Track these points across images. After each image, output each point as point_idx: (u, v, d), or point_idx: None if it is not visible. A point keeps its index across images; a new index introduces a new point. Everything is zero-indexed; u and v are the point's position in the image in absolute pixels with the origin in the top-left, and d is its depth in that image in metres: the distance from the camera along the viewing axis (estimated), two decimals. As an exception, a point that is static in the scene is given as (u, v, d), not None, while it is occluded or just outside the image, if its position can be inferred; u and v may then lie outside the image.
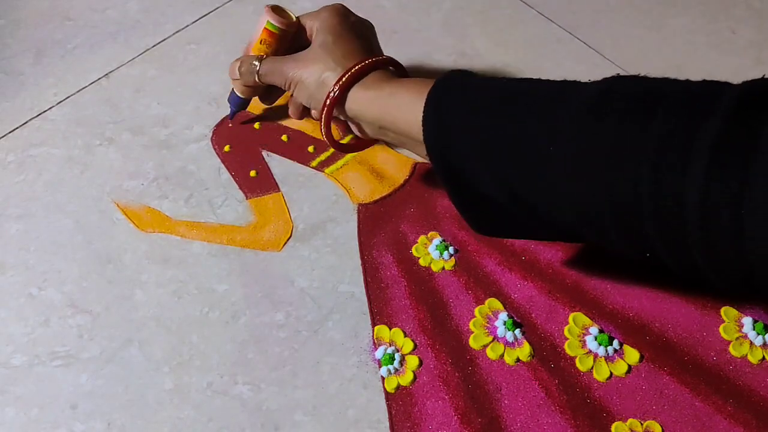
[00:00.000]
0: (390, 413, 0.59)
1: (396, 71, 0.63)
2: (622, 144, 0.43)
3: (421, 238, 0.68)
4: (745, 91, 0.41)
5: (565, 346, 0.61)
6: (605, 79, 0.47)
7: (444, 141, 0.53)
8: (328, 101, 0.61)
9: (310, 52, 0.64)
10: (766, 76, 0.42)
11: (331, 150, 0.74)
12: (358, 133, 0.66)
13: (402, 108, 0.57)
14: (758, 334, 0.60)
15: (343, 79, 0.60)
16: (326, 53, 0.62)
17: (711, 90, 0.43)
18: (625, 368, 0.59)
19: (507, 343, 0.61)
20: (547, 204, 0.49)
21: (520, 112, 0.49)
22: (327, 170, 0.73)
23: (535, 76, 0.51)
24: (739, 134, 0.39)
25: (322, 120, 0.63)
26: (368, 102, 0.60)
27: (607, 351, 0.60)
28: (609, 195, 0.43)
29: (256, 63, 0.67)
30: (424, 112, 0.54)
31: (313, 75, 0.63)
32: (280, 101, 0.74)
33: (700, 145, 0.40)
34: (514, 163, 0.49)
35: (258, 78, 0.68)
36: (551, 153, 0.46)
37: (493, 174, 0.50)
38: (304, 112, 0.69)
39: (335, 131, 0.69)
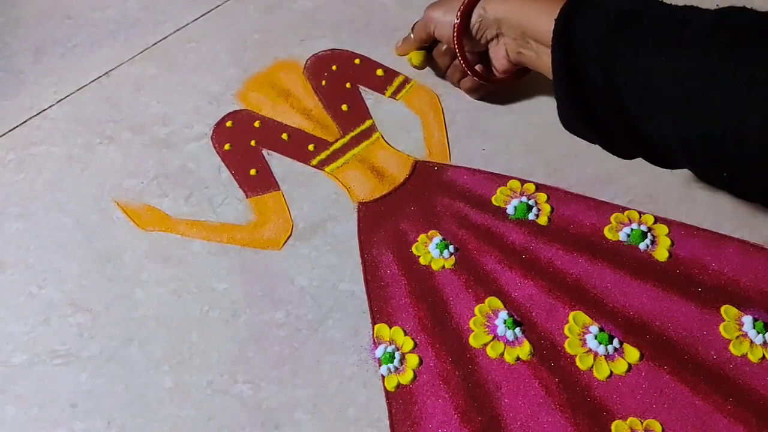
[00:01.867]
0: (390, 412, 0.59)
1: None
2: (729, 69, 0.47)
3: (421, 237, 0.68)
4: None
5: (566, 345, 0.61)
6: (719, 12, 0.50)
7: (569, 49, 0.56)
8: (461, 7, 0.67)
9: None
10: None
11: (331, 149, 0.74)
12: (496, 67, 0.71)
13: (543, 15, 0.60)
14: (758, 332, 0.60)
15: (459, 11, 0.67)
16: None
17: None
18: (625, 367, 0.59)
19: (507, 342, 0.61)
20: (647, 123, 0.53)
21: (635, 36, 0.53)
22: (327, 169, 0.73)
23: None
24: None
25: (455, 31, 0.68)
26: (514, 4, 0.64)
27: (607, 350, 0.60)
28: (702, 124, 0.48)
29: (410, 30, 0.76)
30: (555, 21, 0.58)
31: (444, 6, 0.70)
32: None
33: None
34: (623, 83, 0.53)
35: (414, 38, 0.75)
36: (656, 81, 0.51)
37: (605, 88, 0.54)
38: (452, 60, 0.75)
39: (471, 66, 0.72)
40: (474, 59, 0.72)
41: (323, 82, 0.79)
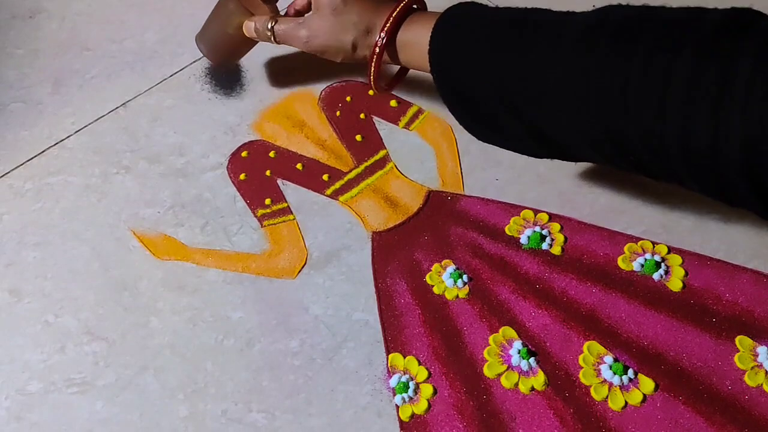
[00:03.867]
0: (404, 442, 0.59)
1: (420, 8, 0.67)
2: (609, 76, 0.48)
3: (435, 266, 0.68)
4: (726, 14, 0.45)
5: (580, 375, 0.61)
6: (599, 10, 0.52)
7: (450, 70, 0.59)
8: (375, 56, 0.66)
9: (327, 20, 0.67)
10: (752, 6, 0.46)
11: (346, 179, 0.75)
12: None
13: (412, 42, 0.63)
14: (774, 363, 0.60)
15: (385, 30, 0.64)
16: (347, 16, 0.66)
17: (693, 13, 0.47)
18: (640, 397, 0.59)
19: (521, 372, 0.61)
20: (549, 126, 0.54)
21: (521, 43, 0.54)
22: (341, 198, 0.73)
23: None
24: (719, 53, 0.43)
25: (372, 71, 0.67)
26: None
27: (621, 380, 0.60)
28: (599, 107, 0.49)
29: (270, 26, 0.72)
30: (430, 44, 0.60)
31: (345, 40, 0.67)
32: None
33: (680, 61, 0.44)
34: (517, 91, 0.54)
35: (274, 41, 0.73)
36: (550, 83, 0.51)
37: (499, 99, 0.56)
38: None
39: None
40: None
41: (337, 113, 0.80)
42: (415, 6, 0.66)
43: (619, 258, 0.66)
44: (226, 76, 0.83)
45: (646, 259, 0.66)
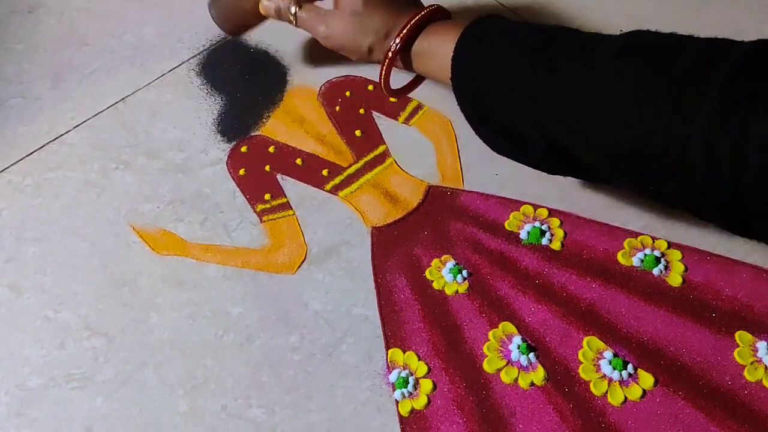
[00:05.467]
0: (404, 437, 0.59)
1: (442, 18, 0.66)
2: (643, 87, 0.48)
3: (435, 262, 0.68)
4: (754, 47, 0.45)
5: (580, 370, 0.61)
6: (628, 34, 0.52)
7: (473, 83, 0.58)
8: (386, 61, 0.65)
9: (346, 21, 0.66)
10: None
11: (345, 174, 0.74)
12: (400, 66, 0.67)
13: (430, 51, 0.62)
14: (773, 358, 0.60)
15: (400, 36, 0.63)
16: (367, 20, 0.65)
17: (722, 45, 0.47)
18: (639, 393, 0.59)
19: (521, 367, 0.61)
20: (574, 143, 0.53)
21: (552, 61, 0.53)
22: (341, 194, 0.73)
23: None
24: (744, 88, 0.43)
25: (383, 75, 0.66)
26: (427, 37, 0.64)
27: (621, 375, 0.60)
28: (628, 130, 0.48)
29: (293, 11, 0.70)
30: (453, 55, 0.59)
31: (362, 43, 0.66)
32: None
33: (708, 95, 0.44)
34: (543, 107, 0.53)
35: (294, 24, 0.71)
36: (579, 101, 0.51)
37: (523, 114, 0.55)
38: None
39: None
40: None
41: (337, 108, 0.80)
42: (438, 15, 0.65)
43: (618, 253, 0.66)
44: (225, 73, 0.83)
45: (645, 255, 0.66)
